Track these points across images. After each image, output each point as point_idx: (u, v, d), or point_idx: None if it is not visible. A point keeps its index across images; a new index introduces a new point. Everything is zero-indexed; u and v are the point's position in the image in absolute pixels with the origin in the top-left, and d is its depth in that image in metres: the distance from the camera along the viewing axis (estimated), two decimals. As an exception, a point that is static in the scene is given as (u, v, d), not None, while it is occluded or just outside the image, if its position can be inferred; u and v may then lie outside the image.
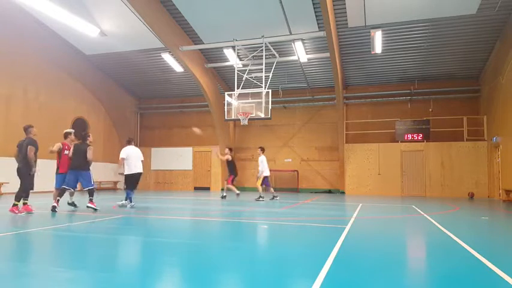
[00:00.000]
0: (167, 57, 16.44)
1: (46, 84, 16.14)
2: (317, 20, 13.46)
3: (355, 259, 4.05)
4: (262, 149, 13.08)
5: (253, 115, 13.02)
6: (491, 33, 13.74)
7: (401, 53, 15.51)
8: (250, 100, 13.12)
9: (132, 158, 9.35)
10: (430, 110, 17.50)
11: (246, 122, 13.09)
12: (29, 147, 7.53)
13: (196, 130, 13.01)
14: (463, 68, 16.42)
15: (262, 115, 12.84)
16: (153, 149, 21.02)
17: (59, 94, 16.82)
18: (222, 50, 15.73)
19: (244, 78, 14.02)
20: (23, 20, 14.40)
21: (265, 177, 12.84)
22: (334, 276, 3.23)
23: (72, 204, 8.96)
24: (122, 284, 3.01)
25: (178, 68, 17.24)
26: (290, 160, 19.64)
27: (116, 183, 19.93)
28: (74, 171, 8.46)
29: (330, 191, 18.55)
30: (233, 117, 13.42)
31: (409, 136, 16.93)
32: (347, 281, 3.19)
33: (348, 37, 14.64)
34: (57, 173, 8.70)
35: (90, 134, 8.76)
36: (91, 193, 8.53)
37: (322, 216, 8.33)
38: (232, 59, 15.87)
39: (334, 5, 12.61)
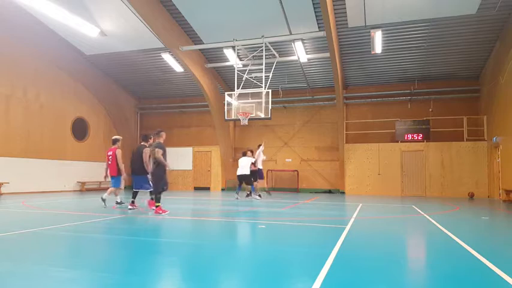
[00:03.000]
0: (167, 57, 16.44)
1: (46, 84, 16.14)
2: (317, 20, 13.45)
3: (355, 259, 4.05)
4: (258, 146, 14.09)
5: (253, 115, 13.02)
6: (491, 33, 13.73)
7: (401, 53, 15.50)
8: (250, 100, 13.12)
9: (240, 165, 13.03)
10: (430, 110, 17.50)
11: (246, 122, 13.09)
12: (156, 149, 8.14)
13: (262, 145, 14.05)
14: (463, 68, 16.42)
15: (262, 115, 12.84)
16: (153, 149, 20.96)
17: (59, 94, 16.82)
18: (222, 50, 15.71)
19: (244, 78, 14.02)
20: (23, 20, 14.38)
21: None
22: (334, 276, 3.23)
23: (120, 203, 9.50)
24: (122, 284, 3.01)
25: (178, 68, 17.24)
26: (290, 160, 19.65)
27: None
28: (133, 176, 8.83)
29: (330, 191, 18.55)
30: (233, 117, 13.42)
31: (409, 136, 16.93)
32: (347, 281, 3.19)
33: (348, 37, 14.64)
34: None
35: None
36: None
37: (322, 216, 8.33)
38: (232, 59, 15.86)
39: (334, 5, 12.61)
